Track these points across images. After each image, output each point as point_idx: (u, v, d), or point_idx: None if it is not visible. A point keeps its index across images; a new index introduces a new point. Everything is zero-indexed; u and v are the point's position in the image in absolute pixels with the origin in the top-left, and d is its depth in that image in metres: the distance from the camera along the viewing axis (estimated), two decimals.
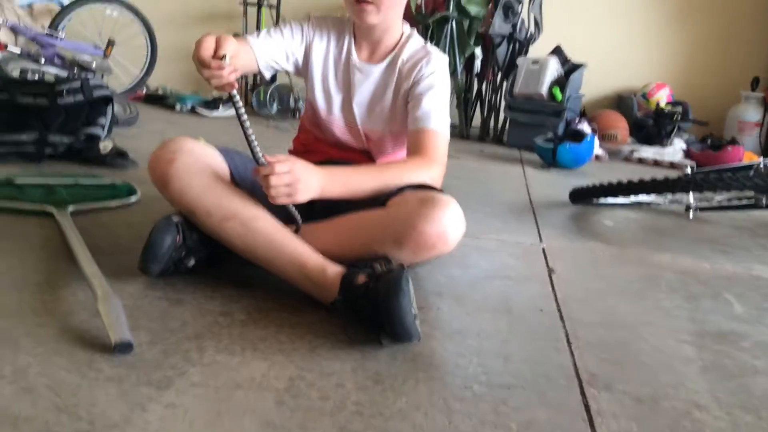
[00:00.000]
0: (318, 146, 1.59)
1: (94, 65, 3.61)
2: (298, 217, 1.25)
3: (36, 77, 3.21)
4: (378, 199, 1.37)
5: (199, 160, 1.27)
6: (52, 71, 3.32)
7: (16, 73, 3.09)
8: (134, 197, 1.82)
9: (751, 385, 1.08)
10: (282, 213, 1.33)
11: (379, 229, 1.24)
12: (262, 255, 1.25)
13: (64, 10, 3.98)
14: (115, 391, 0.86)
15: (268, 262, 1.25)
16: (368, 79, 1.49)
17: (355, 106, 1.50)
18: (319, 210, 1.38)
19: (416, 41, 1.50)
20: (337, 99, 1.51)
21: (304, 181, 1.16)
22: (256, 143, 1.14)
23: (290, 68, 1.50)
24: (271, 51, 1.42)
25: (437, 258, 1.28)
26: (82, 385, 0.87)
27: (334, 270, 1.18)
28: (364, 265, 1.17)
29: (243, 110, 1.13)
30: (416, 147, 1.39)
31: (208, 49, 1.09)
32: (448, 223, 1.20)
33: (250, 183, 1.29)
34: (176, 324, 1.09)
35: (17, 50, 3.42)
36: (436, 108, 1.41)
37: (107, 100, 2.42)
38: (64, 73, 3.29)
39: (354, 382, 0.96)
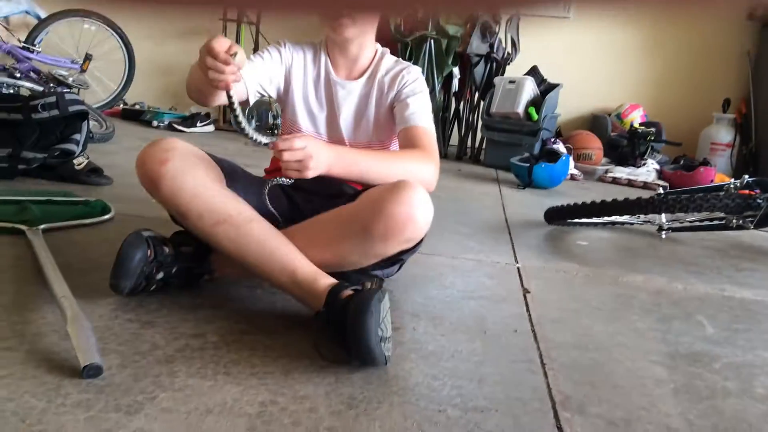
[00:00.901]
0: None
1: (70, 80, 3.59)
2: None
3: (11, 91, 3.18)
4: (348, 195, 1.39)
5: (193, 161, 1.24)
6: (27, 85, 3.29)
7: None
8: (108, 215, 1.80)
9: (723, 407, 1.09)
10: (271, 216, 1.34)
11: (348, 219, 1.24)
12: (254, 260, 1.23)
13: (42, 24, 3.96)
14: (83, 417, 0.85)
15: (259, 266, 1.23)
16: (351, 95, 1.50)
17: (342, 122, 1.50)
18: (302, 213, 1.39)
19: (390, 57, 1.53)
20: (321, 117, 1.52)
21: (315, 158, 1.18)
22: (256, 137, 1.18)
23: (273, 92, 1.48)
24: (256, 77, 1.42)
25: (409, 243, 1.25)
26: (49, 410, 0.85)
27: (325, 281, 1.18)
28: (357, 279, 1.18)
29: (239, 110, 1.15)
30: (412, 142, 1.40)
31: (222, 44, 1.10)
32: (416, 204, 1.20)
33: (242, 189, 1.29)
34: (147, 347, 1.07)
35: None
36: (424, 109, 1.45)
37: (83, 115, 2.39)
38: (39, 88, 3.27)
39: (327, 406, 0.95)
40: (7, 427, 0.80)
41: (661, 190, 2.74)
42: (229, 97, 1.14)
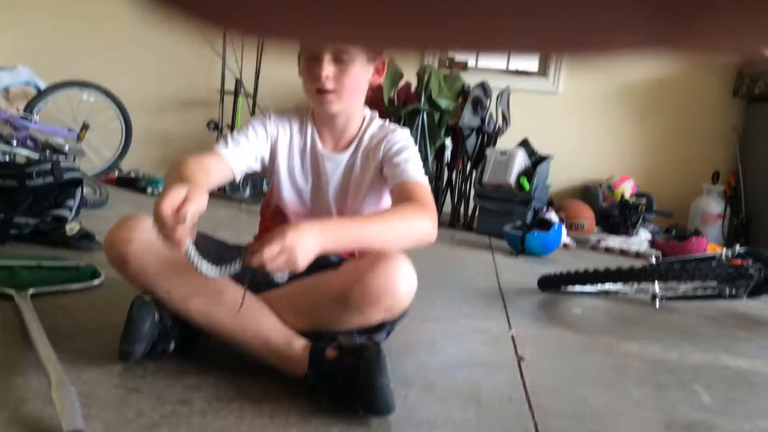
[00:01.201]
0: None
1: (66, 148, 3.63)
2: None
3: (7, 158, 3.20)
4: (331, 263, 1.38)
5: (156, 239, 1.23)
6: (23, 153, 3.32)
7: None
8: (98, 280, 1.78)
9: None
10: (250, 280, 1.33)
11: (328, 287, 1.23)
12: (227, 331, 1.23)
13: (41, 94, 4.04)
14: None
15: (233, 337, 1.23)
16: (338, 167, 1.46)
17: (329, 194, 1.47)
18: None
19: (377, 122, 1.50)
20: (306, 189, 1.49)
21: (302, 248, 1.07)
22: (231, 268, 1.09)
23: (258, 168, 1.47)
24: (243, 158, 1.39)
25: (389, 314, 1.23)
26: None
27: (299, 344, 1.18)
28: (330, 338, 1.17)
29: (200, 263, 1.08)
30: (405, 196, 1.33)
31: (172, 202, 1.01)
32: (395, 275, 1.18)
33: (215, 256, 1.27)
34: (132, 413, 1.04)
35: None
36: (414, 164, 1.39)
37: (77, 182, 2.41)
38: (35, 155, 3.30)
39: None
40: None
41: (654, 259, 2.75)
42: (186, 253, 1.06)
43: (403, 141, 1.43)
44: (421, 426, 1.13)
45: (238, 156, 1.37)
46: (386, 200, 1.49)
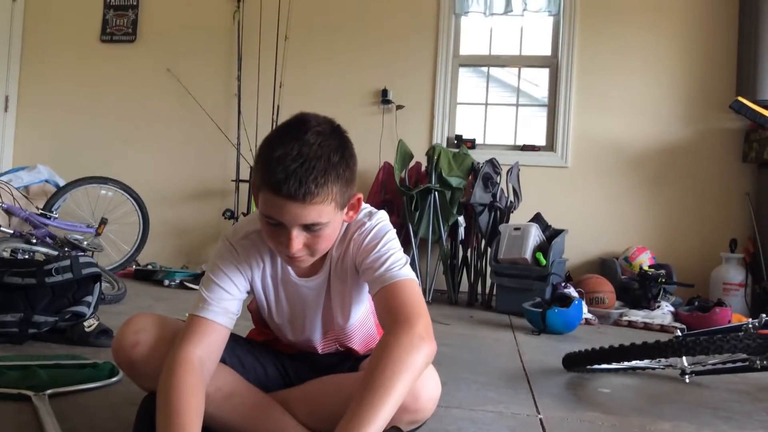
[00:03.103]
0: (280, 342, 1.46)
1: (85, 243, 3.68)
2: None
3: (26, 257, 3.24)
4: (348, 363, 1.35)
5: (165, 339, 1.20)
6: (42, 250, 3.36)
7: (6, 254, 3.13)
8: (116, 377, 1.76)
9: None
10: (264, 377, 1.31)
11: (347, 397, 1.13)
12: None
13: (60, 191, 4.13)
14: None
15: None
16: (316, 291, 1.32)
17: (314, 320, 1.36)
18: (292, 377, 1.36)
19: (342, 228, 1.28)
20: (286, 322, 1.37)
21: None
22: None
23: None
24: (233, 311, 1.25)
25: (413, 426, 1.21)
26: None
27: None
28: None
29: None
30: (390, 312, 1.17)
31: None
32: (418, 391, 1.13)
33: (226, 352, 1.25)
34: None
35: (9, 231, 3.50)
36: (392, 259, 1.22)
37: (96, 277, 2.43)
38: (54, 252, 3.34)
39: None
40: None
41: (679, 333, 2.69)
42: None
43: (372, 233, 1.26)
44: None
45: (224, 313, 1.22)
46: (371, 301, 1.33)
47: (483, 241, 4.21)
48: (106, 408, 1.55)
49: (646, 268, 4.16)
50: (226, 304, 1.22)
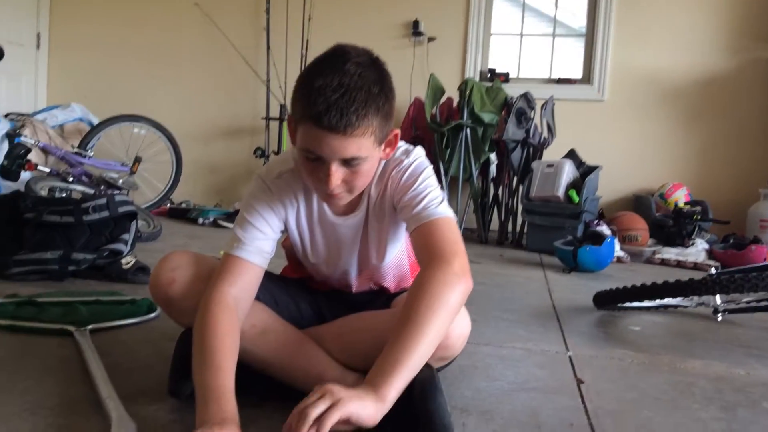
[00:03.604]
0: (314, 279, 1.46)
1: (120, 182, 3.73)
2: None
3: (63, 195, 3.31)
4: (380, 300, 1.36)
5: (201, 277, 1.23)
6: (79, 189, 3.43)
7: (44, 192, 3.20)
8: (154, 313, 1.82)
9: None
10: (298, 314, 1.33)
11: (378, 336, 1.16)
12: (275, 370, 1.24)
13: (94, 130, 4.17)
14: None
15: (281, 375, 1.24)
16: (353, 230, 1.32)
17: (350, 259, 1.36)
18: (326, 314, 1.39)
19: (380, 167, 1.27)
20: (322, 260, 1.37)
21: (359, 417, 0.97)
22: None
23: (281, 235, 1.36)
24: (267, 251, 1.25)
25: (443, 362, 1.24)
26: None
27: (351, 377, 1.18)
28: None
29: None
30: (427, 249, 1.17)
31: None
32: (451, 327, 1.14)
33: (260, 289, 1.28)
34: None
35: (46, 170, 3.56)
36: (429, 197, 1.22)
37: (131, 215, 2.47)
38: (90, 191, 3.40)
39: None
40: None
41: (713, 271, 2.65)
42: None
43: (410, 170, 1.25)
44: None
45: (259, 252, 1.23)
46: (407, 240, 1.35)
47: (515, 179, 4.16)
48: (145, 343, 1.61)
49: (681, 205, 4.09)
50: (260, 244, 1.23)
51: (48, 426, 1.10)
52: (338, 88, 1.06)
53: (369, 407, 0.97)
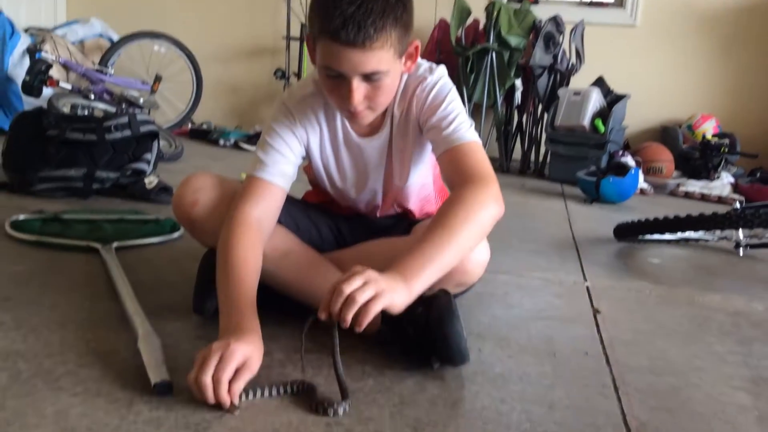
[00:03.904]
0: (338, 205, 1.46)
1: (141, 101, 3.71)
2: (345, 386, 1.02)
3: (85, 113, 3.31)
4: (401, 226, 1.37)
5: (224, 198, 1.24)
6: (101, 107, 3.42)
7: (66, 109, 3.20)
8: (177, 233, 1.84)
9: None
10: (318, 239, 1.35)
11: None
12: (294, 291, 1.26)
13: (114, 46, 4.12)
14: None
15: (300, 297, 1.26)
16: (378, 150, 1.31)
17: (375, 180, 1.35)
18: (347, 239, 1.40)
19: (402, 84, 1.25)
20: (348, 184, 1.37)
21: (389, 297, 0.96)
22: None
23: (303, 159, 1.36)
24: (289, 174, 1.26)
25: (461, 288, 1.25)
26: (122, 427, 0.87)
27: None
28: None
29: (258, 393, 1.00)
30: (460, 172, 1.17)
31: (219, 378, 0.93)
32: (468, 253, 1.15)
33: (282, 212, 1.29)
34: None
35: (68, 86, 3.54)
36: (458, 119, 1.21)
37: (153, 135, 2.47)
38: (112, 109, 3.40)
39: (392, 428, 0.93)
40: None
41: (738, 205, 2.62)
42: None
43: (435, 89, 1.23)
44: (496, 380, 1.13)
45: (282, 175, 1.23)
46: (431, 161, 1.35)
47: (540, 107, 4.07)
48: (169, 262, 1.64)
49: (709, 137, 4.00)
50: (282, 167, 1.23)
51: (77, 339, 1.14)
52: (354, 0, 1.04)
53: (401, 297, 0.98)
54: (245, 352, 0.96)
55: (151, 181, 2.32)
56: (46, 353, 1.07)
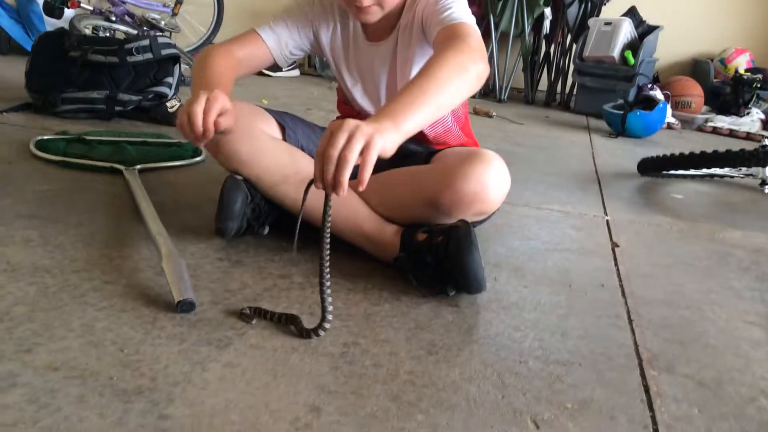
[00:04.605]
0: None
1: (162, 23, 3.67)
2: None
3: (107, 34, 3.29)
4: (421, 156, 1.38)
5: (246, 124, 1.25)
6: (122, 29, 3.39)
7: (88, 31, 3.18)
8: (199, 157, 1.85)
9: None
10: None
11: (419, 187, 1.21)
12: (317, 217, 1.26)
13: None
14: (177, 350, 0.89)
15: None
16: (386, 56, 1.36)
17: (382, 86, 1.40)
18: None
19: None
20: (357, 87, 1.44)
21: (375, 139, 0.88)
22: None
23: (302, 55, 1.47)
24: (283, 45, 1.37)
25: (480, 217, 1.25)
26: (146, 341, 0.90)
27: (390, 229, 1.22)
28: (419, 224, 1.20)
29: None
30: (449, 38, 1.13)
31: (196, 111, 1.05)
32: (486, 181, 1.15)
33: (303, 138, 1.30)
34: (236, 285, 1.11)
35: (90, 7, 3.51)
36: (454, 7, 1.20)
37: (175, 59, 2.45)
38: (133, 31, 3.37)
39: (408, 351, 0.96)
40: (106, 356, 0.86)
41: (766, 142, 2.56)
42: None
43: None
44: (510, 308, 1.14)
45: (278, 42, 1.36)
46: None
47: (569, 37, 3.97)
48: (191, 185, 1.65)
49: (741, 71, 3.88)
50: (283, 37, 1.35)
51: (102, 256, 1.17)
52: None
53: (391, 137, 0.91)
54: (212, 96, 1.06)
55: (172, 104, 2.32)
56: (72, 269, 1.10)
